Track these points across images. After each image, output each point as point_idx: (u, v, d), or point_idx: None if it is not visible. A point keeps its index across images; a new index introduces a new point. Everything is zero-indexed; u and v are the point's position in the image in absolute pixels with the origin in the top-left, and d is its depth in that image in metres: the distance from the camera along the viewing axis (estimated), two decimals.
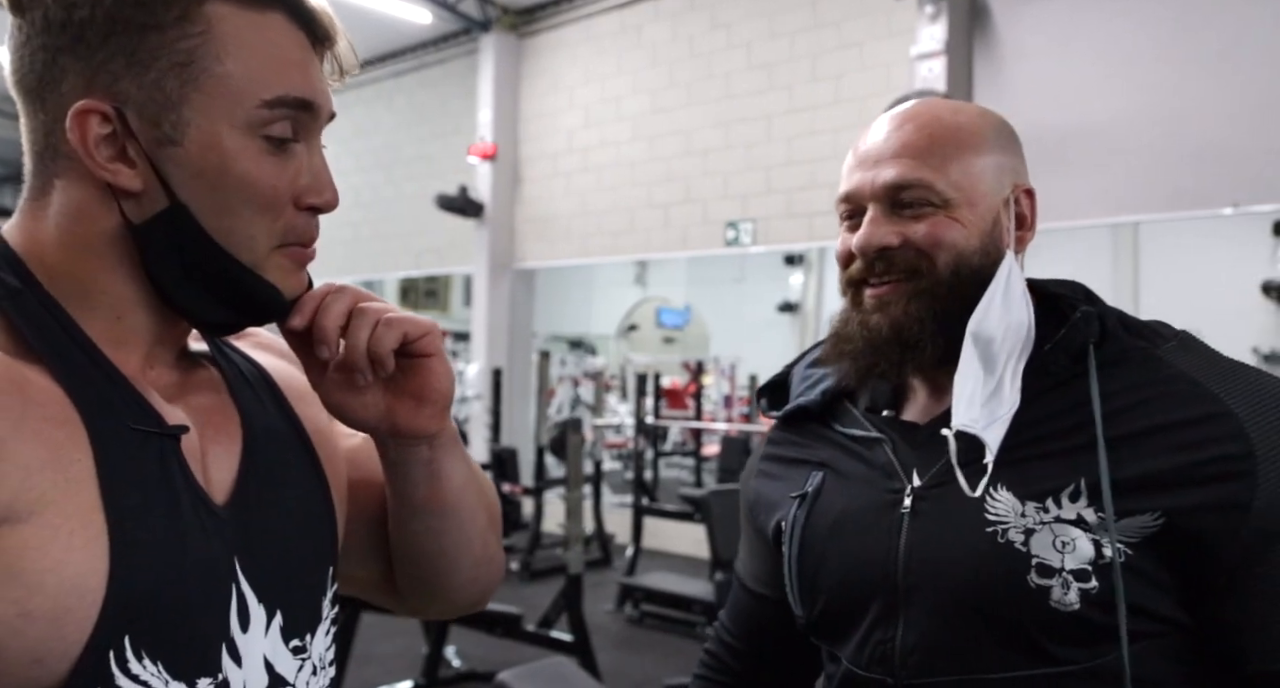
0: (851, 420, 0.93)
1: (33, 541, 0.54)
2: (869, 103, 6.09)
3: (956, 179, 0.84)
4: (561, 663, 2.55)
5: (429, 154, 9.12)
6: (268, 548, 0.66)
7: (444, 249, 8.94)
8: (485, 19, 8.26)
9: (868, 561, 0.86)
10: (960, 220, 0.85)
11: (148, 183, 0.60)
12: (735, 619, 1.07)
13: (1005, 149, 0.88)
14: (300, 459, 0.71)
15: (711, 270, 13.12)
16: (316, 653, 0.69)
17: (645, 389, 7.07)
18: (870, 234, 0.86)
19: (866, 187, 0.87)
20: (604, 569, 6.49)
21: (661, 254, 7.85)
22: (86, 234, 0.61)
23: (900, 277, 0.86)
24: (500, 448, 7.21)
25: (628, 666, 4.60)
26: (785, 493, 0.95)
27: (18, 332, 0.58)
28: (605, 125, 7.74)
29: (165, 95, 0.59)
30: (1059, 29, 5.50)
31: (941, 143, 0.85)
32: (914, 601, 0.83)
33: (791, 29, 6.61)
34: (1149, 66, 5.17)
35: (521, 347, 8.58)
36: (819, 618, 0.90)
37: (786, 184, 6.61)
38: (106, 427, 0.58)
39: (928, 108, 0.88)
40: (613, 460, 9.90)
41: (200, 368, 0.70)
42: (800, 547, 0.91)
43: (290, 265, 0.65)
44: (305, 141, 0.64)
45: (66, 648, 0.54)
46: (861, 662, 0.86)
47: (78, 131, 0.59)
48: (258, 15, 0.62)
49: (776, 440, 1.02)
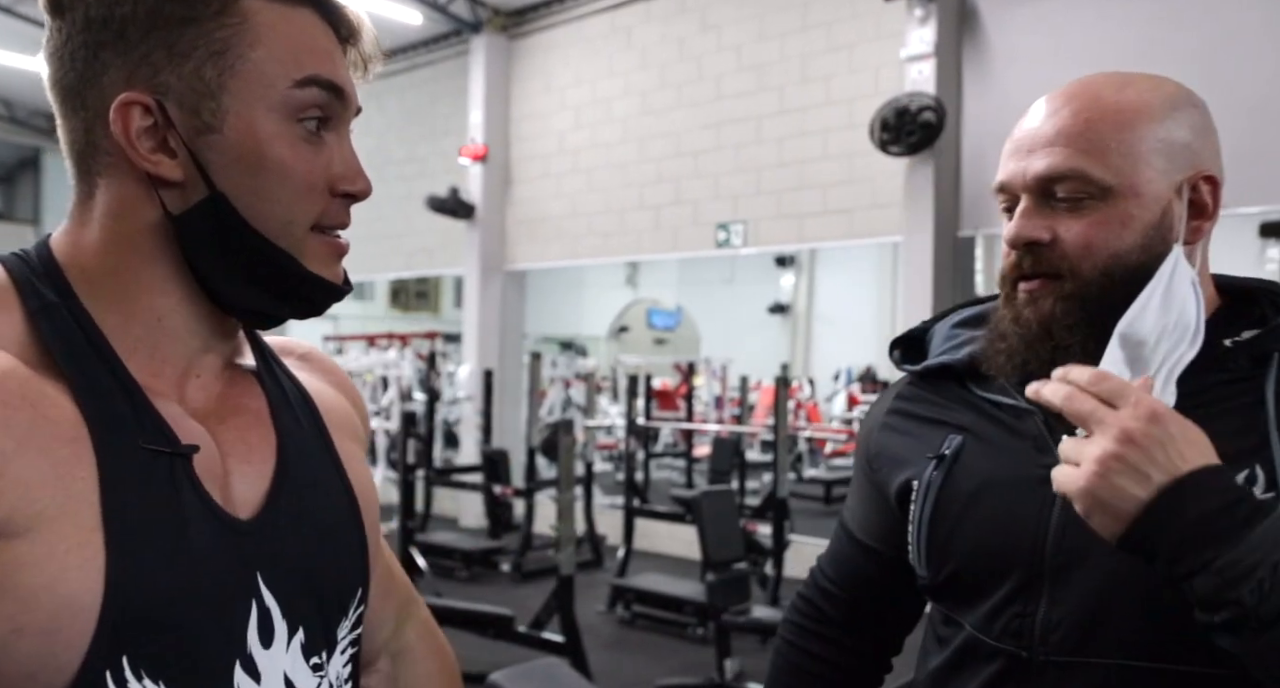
0: (998, 388, 0.89)
1: (28, 557, 0.54)
2: (859, 104, 6.12)
3: (1117, 164, 0.79)
4: (553, 664, 2.55)
5: (420, 155, 9.10)
6: (294, 565, 0.66)
7: (435, 250, 8.93)
8: (476, 20, 8.25)
9: (1012, 532, 0.83)
10: (1121, 214, 0.79)
11: (188, 173, 0.62)
12: (837, 567, 1.06)
13: (1181, 126, 0.82)
14: (333, 484, 0.72)
15: (702, 272, 13.14)
16: (333, 672, 0.69)
17: (636, 390, 7.08)
18: (1020, 227, 0.82)
19: (1019, 177, 0.83)
20: (595, 570, 6.49)
21: (652, 255, 7.86)
22: (129, 230, 0.63)
23: (1047, 275, 0.82)
24: (491, 449, 7.20)
25: (619, 666, 4.61)
26: (918, 451, 0.92)
27: (45, 346, 0.59)
28: (596, 127, 7.75)
29: (204, 84, 0.61)
30: (1047, 31, 5.53)
31: (1100, 126, 0.80)
32: (1063, 579, 0.80)
33: (781, 31, 6.63)
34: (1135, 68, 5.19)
35: (513, 348, 8.58)
36: (946, 582, 0.89)
37: (777, 185, 6.62)
38: (115, 445, 0.59)
39: (1088, 86, 0.83)
40: (604, 462, 9.89)
41: (246, 384, 0.71)
42: (934, 509, 0.88)
43: (328, 255, 0.67)
44: (336, 131, 0.66)
45: (60, 665, 0.55)
46: (992, 632, 0.84)
47: (120, 124, 0.61)
48: (288, 8, 0.64)
49: (908, 396, 0.98)
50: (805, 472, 9.90)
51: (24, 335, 0.59)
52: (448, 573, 6.28)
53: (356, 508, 0.73)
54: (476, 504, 7.82)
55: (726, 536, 4.43)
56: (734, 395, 10.51)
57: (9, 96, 11.71)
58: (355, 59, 0.69)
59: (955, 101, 5.77)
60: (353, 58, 0.69)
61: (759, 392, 10.68)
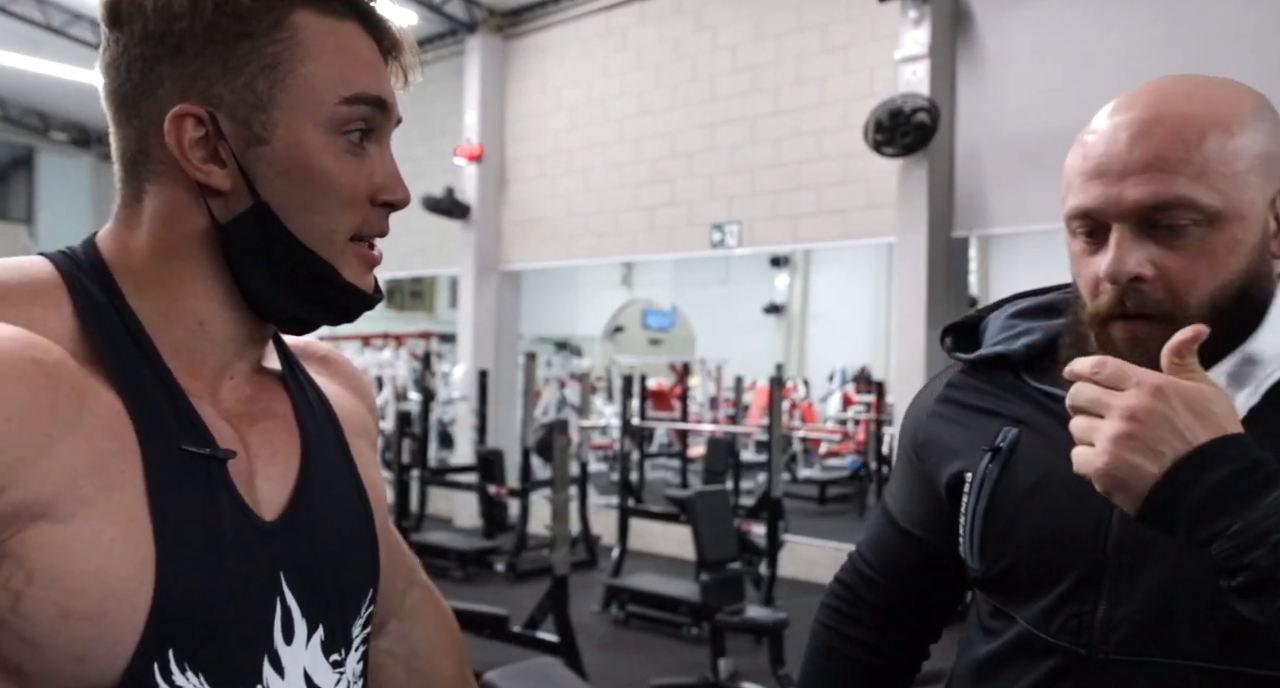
0: (1052, 378, 0.86)
1: (74, 544, 0.56)
2: (853, 105, 6.13)
3: (1223, 188, 0.74)
4: (548, 663, 2.56)
5: (415, 155, 9.10)
6: (314, 566, 0.69)
7: (430, 250, 8.93)
8: (471, 20, 8.26)
9: (1072, 529, 0.82)
10: (1228, 240, 0.75)
11: (235, 183, 0.64)
12: (879, 554, 1.05)
13: (1268, 135, 0.77)
14: (349, 489, 0.75)
15: (697, 272, 13.16)
16: (350, 668, 0.72)
17: (631, 391, 7.08)
18: (1120, 260, 0.75)
19: (1112, 206, 0.76)
20: (590, 570, 6.50)
21: (647, 256, 7.87)
22: (176, 236, 0.65)
23: (1152, 316, 0.76)
24: (486, 450, 7.20)
25: (614, 666, 4.61)
26: (971, 442, 0.90)
27: (94, 346, 0.61)
28: (591, 127, 7.76)
29: (256, 97, 0.64)
30: (1041, 32, 5.55)
31: (1201, 147, 0.74)
32: (1125, 577, 0.79)
33: (777, 32, 6.64)
34: (1130, 70, 5.22)
35: (508, 348, 8.58)
36: (1001, 576, 0.87)
37: (772, 186, 6.64)
38: (159, 445, 0.61)
39: (1170, 99, 0.76)
40: (599, 462, 9.90)
41: (273, 388, 0.73)
42: (990, 502, 0.86)
43: (361, 266, 0.69)
44: (378, 142, 0.69)
45: (110, 649, 0.57)
46: (1049, 629, 0.83)
47: (174, 134, 0.63)
48: (336, 23, 0.66)
49: (959, 385, 0.95)
50: (800, 472, 9.92)
51: (73, 332, 0.61)
52: (442, 573, 6.28)
53: (369, 512, 0.76)
54: (471, 504, 7.82)
55: (721, 536, 4.44)
56: (729, 396, 10.53)
57: (3, 95, 11.69)
58: (396, 70, 0.71)
59: (949, 103, 5.79)
60: (393, 69, 0.71)
61: (753, 392, 10.70)
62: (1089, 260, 0.79)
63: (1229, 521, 0.64)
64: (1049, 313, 0.91)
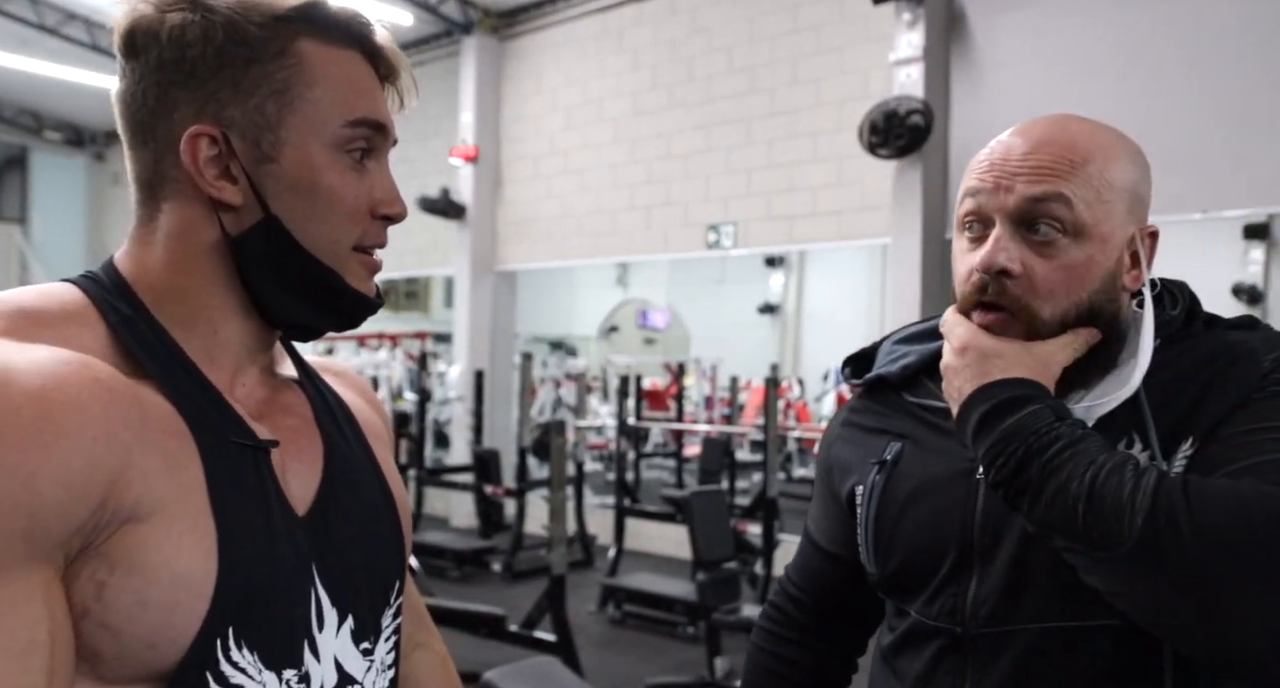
0: (928, 393, 0.98)
1: (151, 539, 0.61)
2: (848, 107, 6.16)
3: (1094, 206, 0.83)
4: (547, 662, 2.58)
5: (411, 156, 9.10)
6: (341, 559, 0.73)
7: (426, 251, 8.94)
8: (467, 21, 8.26)
9: (944, 522, 0.91)
10: (1087, 258, 0.84)
11: (247, 198, 0.69)
12: (803, 574, 1.13)
13: (1141, 181, 0.87)
14: (373, 486, 0.79)
15: (693, 272, 13.16)
16: (380, 656, 0.76)
17: (627, 391, 7.10)
18: (993, 253, 0.85)
19: (998, 199, 0.85)
20: (586, 570, 6.52)
21: (643, 256, 7.89)
22: (191, 250, 0.69)
23: (1008, 310, 0.86)
24: (482, 450, 7.21)
25: (610, 666, 4.63)
26: (864, 459, 1.00)
27: (131, 355, 0.66)
28: (587, 128, 7.77)
29: (265, 118, 0.68)
30: (1034, 36, 5.58)
31: (1084, 167, 0.83)
32: (988, 557, 0.88)
33: (772, 33, 6.66)
34: (1120, 73, 5.26)
35: (503, 349, 8.59)
36: (892, 575, 0.96)
37: (767, 187, 6.66)
38: (211, 440, 0.66)
39: (1065, 128, 0.86)
40: (595, 462, 9.92)
41: (289, 390, 0.77)
42: (878, 509, 0.96)
43: (364, 273, 0.74)
44: (377, 159, 0.74)
45: (176, 635, 0.61)
46: (931, 613, 0.92)
47: (190, 152, 0.67)
48: (339, 51, 0.71)
49: (858, 409, 1.06)
50: (795, 472, 9.94)
51: (110, 347, 0.65)
52: (439, 573, 6.30)
53: (394, 507, 0.80)
54: (468, 504, 7.83)
55: (716, 535, 4.47)
56: (724, 395, 10.55)
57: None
58: (392, 94, 0.76)
59: (943, 105, 5.82)
60: (389, 93, 0.76)
61: (749, 392, 10.72)
62: (967, 257, 0.89)
63: (991, 441, 0.80)
64: (926, 337, 1.02)
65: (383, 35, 0.74)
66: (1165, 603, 0.72)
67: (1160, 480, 0.73)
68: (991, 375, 0.83)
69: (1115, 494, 0.73)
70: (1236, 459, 0.77)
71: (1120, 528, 0.72)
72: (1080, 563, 0.77)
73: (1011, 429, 0.79)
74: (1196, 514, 0.71)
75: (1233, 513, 0.70)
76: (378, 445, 0.83)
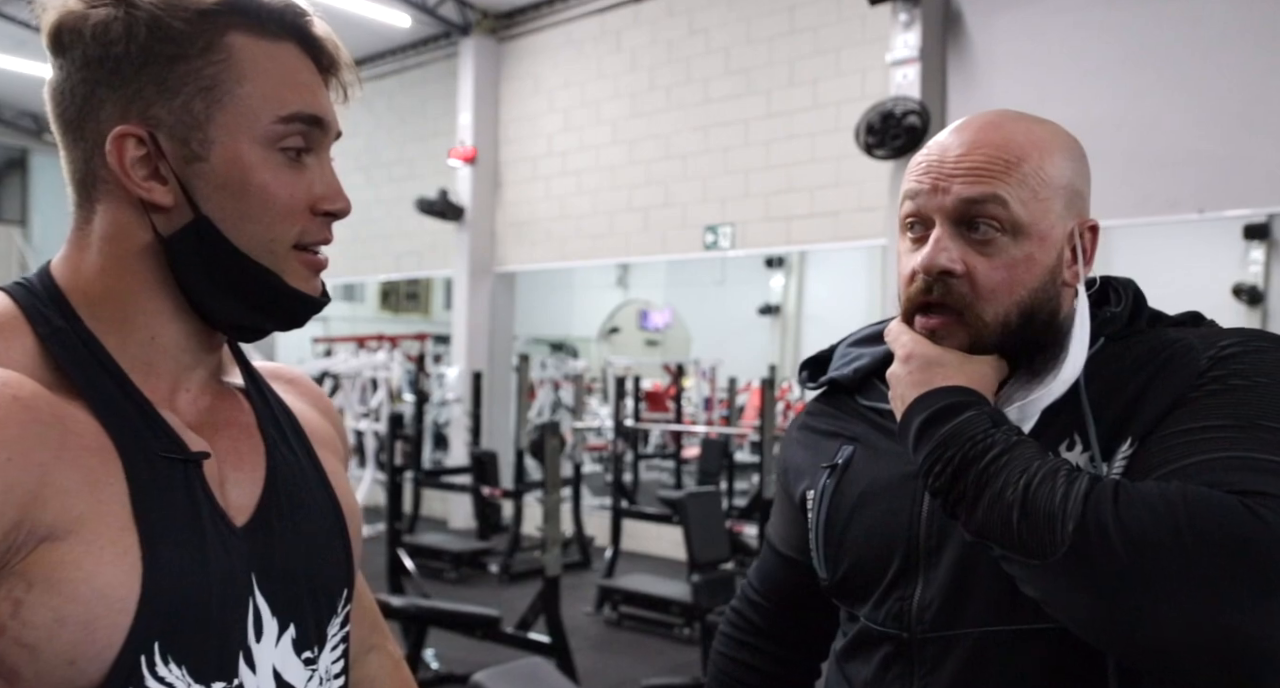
0: (880, 396, 0.97)
1: (69, 556, 0.60)
2: (845, 108, 6.15)
3: (1029, 204, 0.83)
4: (536, 664, 2.57)
5: (409, 157, 9.11)
6: (284, 568, 0.72)
7: (424, 252, 8.94)
8: (465, 22, 8.27)
9: (891, 526, 0.91)
10: (1026, 256, 0.84)
11: (177, 198, 0.67)
12: (763, 579, 1.12)
13: (1077, 176, 0.87)
14: (318, 495, 0.77)
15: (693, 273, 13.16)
16: (324, 666, 0.75)
17: (624, 392, 7.09)
18: (934, 254, 0.85)
19: (936, 200, 0.85)
20: (583, 572, 6.51)
21: (641, 258, 7.89)
22: (124, 252, 0.67)
23: (952, 312, 0.86)
24: (480, 451, 7.21)
25: (606, 667, 4.63)
26: (816, 463, 1.00)
27: (60, 368, 0.64)
28: (585, 129, 7.77)
29: (193, 116, 0.66)
30: (1030, 36, 5.58)
31: (1020, 165, 0.83)
32: (933, 562, 0.88)
33: (769, 34, 6.66)
34: (1118, 74, 5.25)
35: (502, 350, 8.59)
36: (842, 580, 0.95)
37: (764, 188, 6.66)
38: (137, 454, 0.64)
39: (999, 126, 0.86)
40: (594, 463, 9.91)
41: (233, 399, 0.75)
42: (828, 513, 0.96)
43: (306, 271, 0.71)
44: (316, 154, 0.71)
45: (98, 651, 0.60)
46: (878, 619, 0.91)
47: (116, 154, 0.65)
48: (271, 44, 0.69)
49: (813, 412, 1.06)
50: None
51: (38, 359, 0.64)
52: (436, 574, 6.30)
53: (341, 514, 0.79)
54: (466, 506, 7.83)
55: (712, 536, 4.46)
56: (723, 396, 10.54)
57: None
58: (335, 86, 0.74)
59: (940, 105, 5.81)
60: (333, 85, 0.73)
61: (748, 393, 10.71)
62: (910, 258, 0.89)
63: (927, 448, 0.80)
64: (879, 340, 1.01)
65: (321, 26, 0.72)
66: (1096, 610, 0.71)
67: (1091, 487, 0.72)
68: (934, 383, 0.83)
69: (1047, 502, 0.73)
70: (1169, 461, 0.76)
71: (1052, 536, 0.72)
72: (1016, 572, 0.76)
73: (948, 435, 0.79)
74: (1124, 520, 0.70)
75: (1159, 517, 0.70)
76: (325, 453, 0.81)
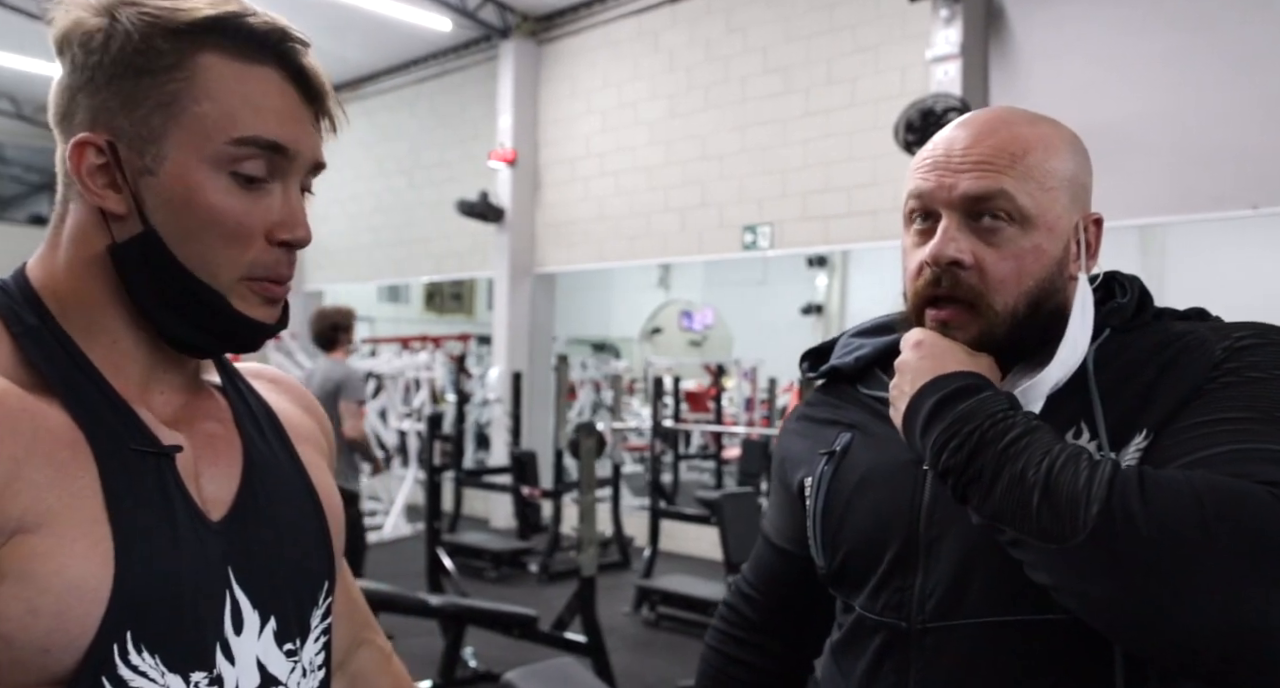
0: (879, 384, 0.97)
1: (41, 548, 0.61)
2: (884, 106, 6.09)
3: (1038, 196, 0.84)
4: (567, 663, 2.59)
5: (450, 160, 9.21)
6: (262, 561, 0.73)
7: (465, 254, 9.03)
8: (505, 26, 8.34)
9: (890, 514, 0.90)
10: (1034, 246, 0.84)
11: (130, 209, 0.68)
12: (757, 573, 1.12)
13: (1081, 169, 0.88)
14: (297, 489, 0.79)
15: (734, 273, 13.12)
16: (307, 657, 0.76)
17: (661, 392, 7.10)
18: (944, 246, 0.85)
19: (943, 193, 0.85)
20: (623, 572, 6.53)
21: (678, 258, 7.89)
22: (87, 256, 0.69)
23: (962, 303, 0.86)
24: (520, 451, 7.27)
25: (643, 667, 4.64)
26: (814, 450, 0.99)
27: (33, 366, 0.66)
28: (623, 130, 7.79)
29: (150, 130, 0.67)
30: (1076, 30, 5.47)
31: (1026, 158, 0.84)
32: (935, 551, 0.87)
33: (807, 33, 6.62)
34: (1167, 68, 5.13)
35: (542, 351, 8.65)
36: (839, 568, 0.95)
37: (803, 187, 6.62)
38: (109, 448, 0.65)
39: (1005, 120, 0.87)
40: (635, 463, 9.92)
41: (209, 397, 0.77)
42: (825, 500, 0.95)
43: (257, 299, 0.71)
44: (281, 182, 0.70)
45: (71, 640, 0.62)
46: (875, 608, 0.90)
47: (75, 159, 0.68)
48: (245, 67, 0.69)
49: (813, 402, 1.06)
50: None
51: (12, 357, 0.66)
52: (477, 573, 6.36)
53: (320, 507, 0.80)
54: (507, 505, 7.90)
55: (748, 537, 4.44)
56: (764, 397, 10.49)
57: None
58: (324, 120, 0.74)
59: (981, 102, 5.73)
60: (318, 115, 0.73)
61: (789, 393, 10.64)
62: (917, 252, 0.89)
63: (938, 429, 0.79)
64: (880, 331, 1.02)
65: (307, 55, 0.71)
66: (1115, 599, 0.69)
67: (1115, 472, 0.71)
68: (948, 367, 0.83)
69: (1071, 485, 0.71)
70: (1191, 452, 0.75)
71: (1075, 519, 0.70)
72: (1028, 557, 0.74)
73: (966, 412, 0.78)
74: (1151, 506, 0.69)
75: (1185, 505, 0.68)
76: (305, 448, 0.82)
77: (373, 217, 10.02)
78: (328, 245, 10.52)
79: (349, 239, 10.27)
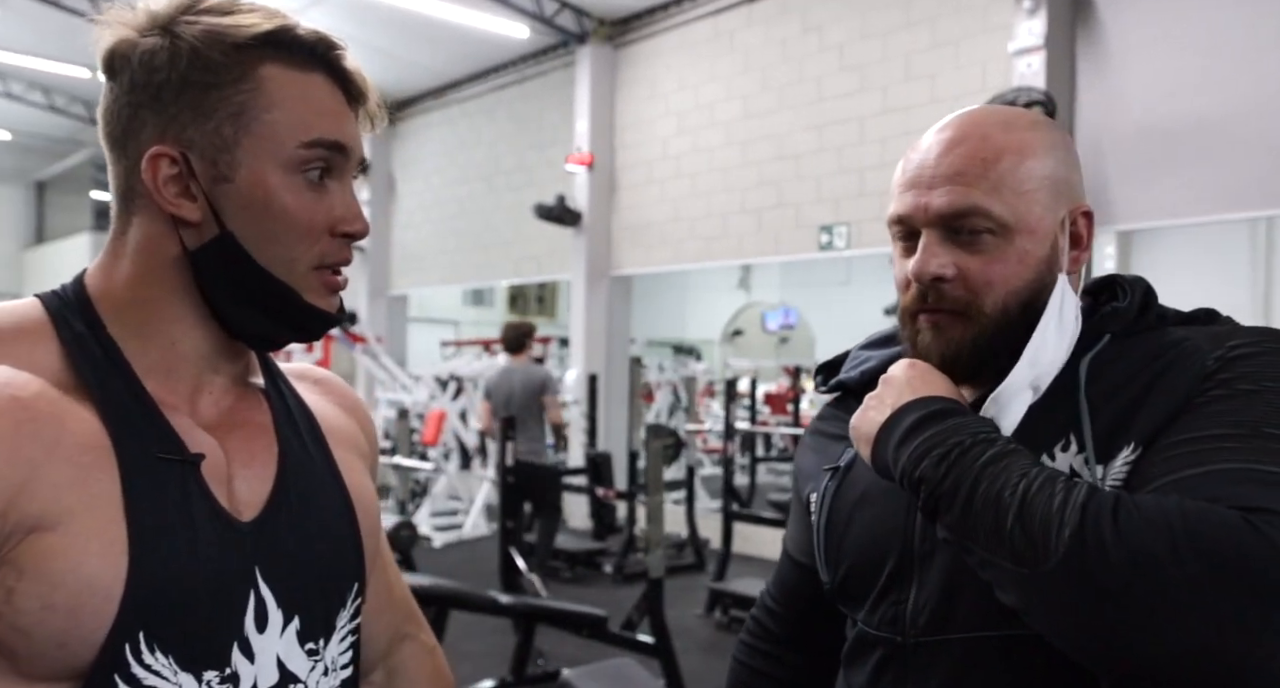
0: None
1: (57, 546, 0.65)
2: (964, 101, 5.93)
3: (1013, 203, 0.83)
4: (625, 664, 2.61)
5: (528, 164, 9.34)
6: (290, 561, 0.76)
7: (543, 257, 9.14)
8: (581, 31, 8.42)
9: (887, 529, 0.91)
10: (1018, 251, 0.84)
11: (205, 215, 0.72)
12: (779, 586, 1.13)
13: (1061, 164, 0.87)
14: (330, 491, 0.81)
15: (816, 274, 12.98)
16: (330, 657, 0.78)
17: (733, 394, 7.06)
18: (925, 262, 0.85)
19: (920, 213, 0.86)
20: (696, 574, 6.51)
21: (755, 259, 7.84)
22: (155, 264, 0.73)
23: (951, 311, 0.86)
24: (596, 453, 7.31)
25: (712, 670, 4.61)
26: (820, 466, 1.00)
27: (77, 372, 0.70)
28: (699, 132, 7.78)
29: (222, 140, 0.72)
30: (1169, 18, 5.24)
31: (995, 166, 0.83)
32: (926, 565, 0.87)
33: (884, 29, 6.50)
34: (1265, 55, 4.87)
35: (619, 352, 8.69)
36: (841, 584, 0.96)
37: (881, 186, 6.50)
38: (134, 454, 0.69)
39: (977, 125, 0.86)
40: (713, 466, 9.89)
41: (253, 400, 0.81)
42: (829, 516, 0.96)
43: (324, 290, 0.76)
44: (339, 179, 0.76)
45: (86, 636, 0.65)
46: (874, 623, 0.91)
47: (150, 172, 0.72)
48: (301, 75, 0.74)
49: (824, 416, 1.07)
50: None
51: (59, 362, 0.70)
52: (553, 573, 6.42)
53: (352, 510, 0.82)
54: (583, 506, 7.96)
55: None
56: None
57: None
58: (364, 116, 0.79)
59: (1068, 95, 5.54)
60: (361, 115, 0.78)
61: None
62: (903, 263, 0.89)
63: (912, 447, 0.78)
64: (887, 342, 1.02)
65: (350, 60, 0.76)
66: (1085, 624, 0.68)
67: (1090, 496, 0.70)
68: (936, 392, 0.83)
69: (1045, 507, 0.71)
70: (1172, 472, 0.74)
71: (1046, 543, 0.69)
72: (996, 577, 0.74)
73: (950, 427, 0.78)
74: (1123, 532, 0.68)
75: (1157, 532, 0.67)
76: (343, 451, 0.85)
77: (454, 221, 10.23)
78: (412, 250, 10.79)
79: (432, 244, 10.51)
